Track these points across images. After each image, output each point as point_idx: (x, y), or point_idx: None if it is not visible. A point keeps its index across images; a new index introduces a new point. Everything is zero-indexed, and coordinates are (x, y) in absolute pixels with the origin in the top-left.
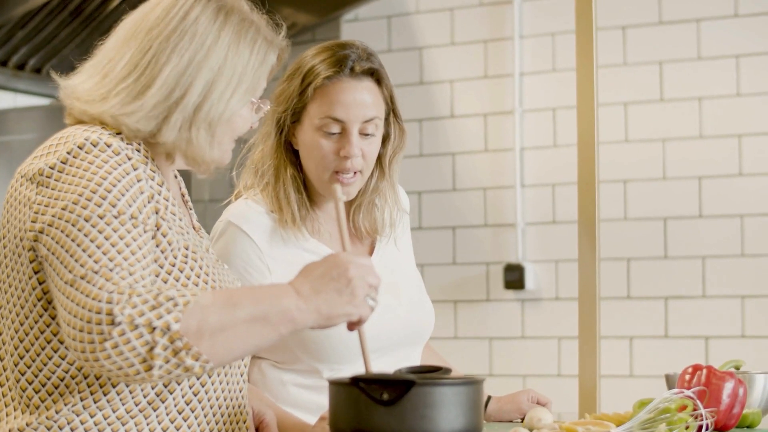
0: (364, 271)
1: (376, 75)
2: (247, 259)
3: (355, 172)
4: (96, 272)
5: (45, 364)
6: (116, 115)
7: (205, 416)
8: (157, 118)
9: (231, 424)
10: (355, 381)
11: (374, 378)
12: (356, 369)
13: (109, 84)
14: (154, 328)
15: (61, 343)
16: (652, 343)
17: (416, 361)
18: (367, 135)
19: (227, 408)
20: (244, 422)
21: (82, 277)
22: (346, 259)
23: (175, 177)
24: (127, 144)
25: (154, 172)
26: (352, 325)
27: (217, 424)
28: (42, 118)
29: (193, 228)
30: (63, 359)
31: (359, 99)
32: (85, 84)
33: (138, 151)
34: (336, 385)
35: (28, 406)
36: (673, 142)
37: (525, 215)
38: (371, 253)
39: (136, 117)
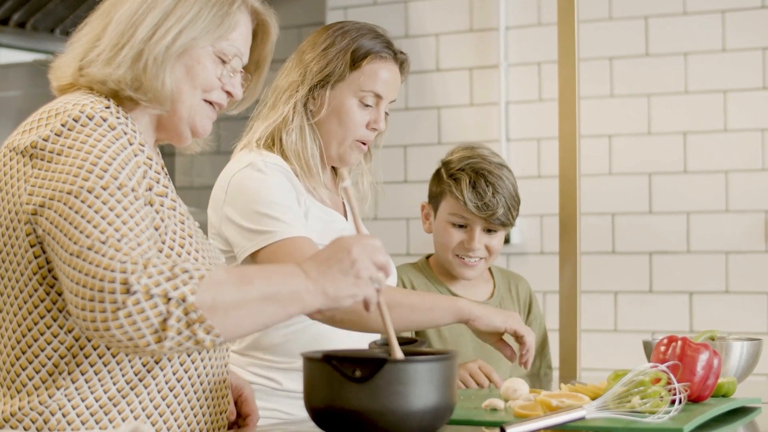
0: (369, 250)
1: (404, 65)
2: (291, 194)
3: (366, 143)
4: (104, 242)
5: (36, 340)
6: (83, 68)
7: (195, 392)
8: (110, 57)
9: (215, 399)
10: (328, 358)
11: (346, 355)
12: None
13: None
14: (169, 299)
15: (54, 320)
16: (637, 298)
17: None
18: (386, 113)
19: (214, 384)
20: (226, 396)
21: (89, 248)
22: (350, 241)
23: (159, 156)
24: (116, 117)
25: (143, 146)
26: (365, 306)
27: (206, 399)
28: (26, 74)
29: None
30: (55, 337)
31: (396, 82)
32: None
33: (126, 125)
34: (309, 361)
35: (11, 389)
36: (658, 98)
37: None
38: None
39: (97, 64)
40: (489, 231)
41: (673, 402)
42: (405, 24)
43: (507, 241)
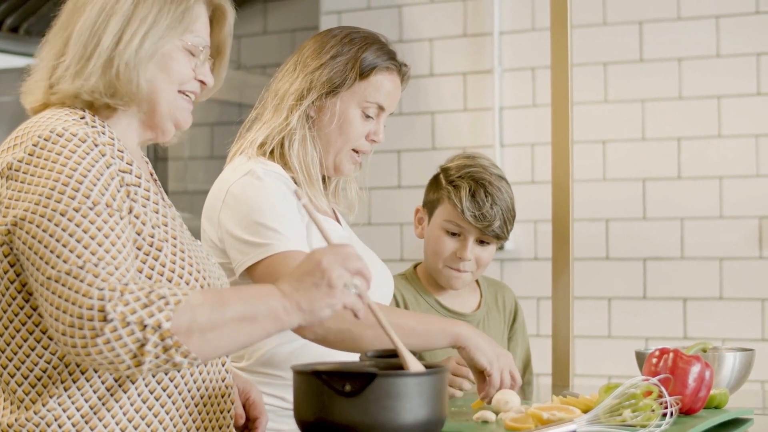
0: (340, 258)
1: (406, 77)
2: (291, 204)
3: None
4: (81, 267)
5: (27, 356)
6: (53, 86)
7: (188, 390)
8: (78, 69)
9: (214, 398)
10: (317, 372)
11: (336, 370)
12: None
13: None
14: (145, 326)
15: (44, 332)
16: (631, 304)
17: None
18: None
19: (210, 381)
20: (229, 396)
21: (67, 273)
22: (320, 252)
23: (146, 162)
24: (92, 126)
25: (121, 152)
26: (354, 314)
27: (201, 398)
28: (19, 79)
29: (163, 200)
30: (46, 349)
31: (398, 94)
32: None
33: (103, 133)
34: (299, 375)
35: (13, 402)
36: (653, 103)
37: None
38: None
39: (66, 79)
40: (482, 243)
41: (664, 415)
42: (399, 28)
43: (501, 246)
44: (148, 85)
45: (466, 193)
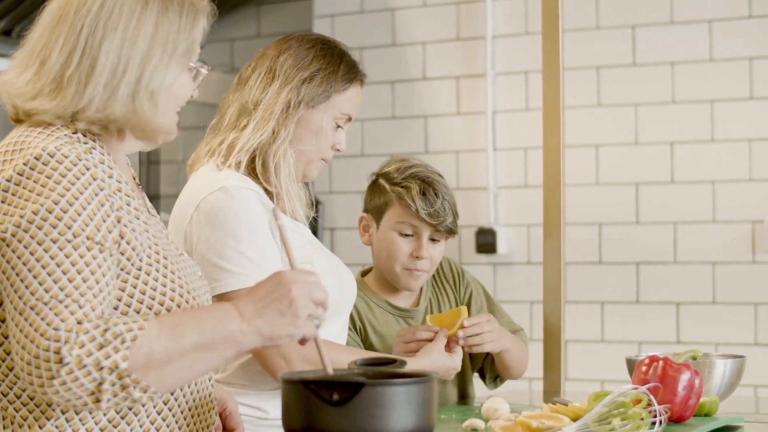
0: (308, 288)
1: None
2: (264, 219)
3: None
4: (46, 303)
5: (19, 378)
6: (75, 112)
7: (182, 412)
8: (105, 96)
9: (202, 415)
10: (305, 382)
11: (324, 379)
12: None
13: (51, 72)
14: (102, 367)
15: None
16: (623, 308)
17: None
18: None
19: (200, 400)
20: (212, 410)
21: (32, 308)
22: (291, 278)
23: (128, 166)
24: (84, 143)
25: (111, 168)
26: (301, 341)
27: (192, 417)
28: None
29: (148, 213)
30: None
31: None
32: (22, 77)
33: (94, 149)
34: (288, 384)
35: (13, 422)
36: (646, 107)
37: (497, 179)
38: None
39: (93, 105)
40: (432, 240)
41: (653, 424)
42: (392, 32)
43: (494, 250)
44: (163, 117)
45: (417, 192)
